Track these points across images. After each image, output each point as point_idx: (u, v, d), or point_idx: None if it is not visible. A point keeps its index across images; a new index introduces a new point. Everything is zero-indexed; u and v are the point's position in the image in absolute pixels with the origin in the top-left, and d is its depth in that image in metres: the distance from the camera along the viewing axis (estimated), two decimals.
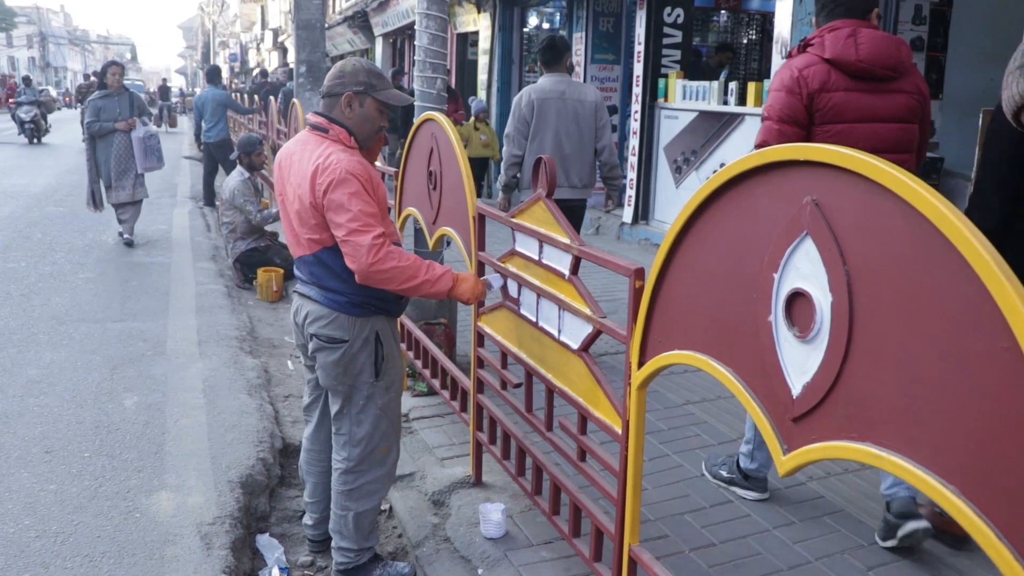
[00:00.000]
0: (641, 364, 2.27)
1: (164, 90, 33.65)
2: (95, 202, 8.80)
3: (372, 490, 3.03)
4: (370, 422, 2.96)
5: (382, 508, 3.67)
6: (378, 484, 3.05)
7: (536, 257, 2.87)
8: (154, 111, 27.17)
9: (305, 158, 2.79)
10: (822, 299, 1.65)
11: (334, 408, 3.00)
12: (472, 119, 11.29)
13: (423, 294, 2.83)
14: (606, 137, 5.19)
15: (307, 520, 3.36)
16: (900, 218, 1.45)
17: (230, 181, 7.58)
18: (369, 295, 2.83)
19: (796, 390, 1.74)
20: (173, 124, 30.16)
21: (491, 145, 11.42)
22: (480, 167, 11.47)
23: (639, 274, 2.27)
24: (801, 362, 1.73)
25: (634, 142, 8.99)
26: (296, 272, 2.99)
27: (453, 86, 12.61)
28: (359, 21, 20.03)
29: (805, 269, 1.69)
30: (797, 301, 1.72)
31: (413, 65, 11.70)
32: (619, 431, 2.40)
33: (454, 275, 2.88)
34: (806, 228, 1.67)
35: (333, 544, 3.11)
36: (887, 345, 1.51)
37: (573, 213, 5.12)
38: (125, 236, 8.94)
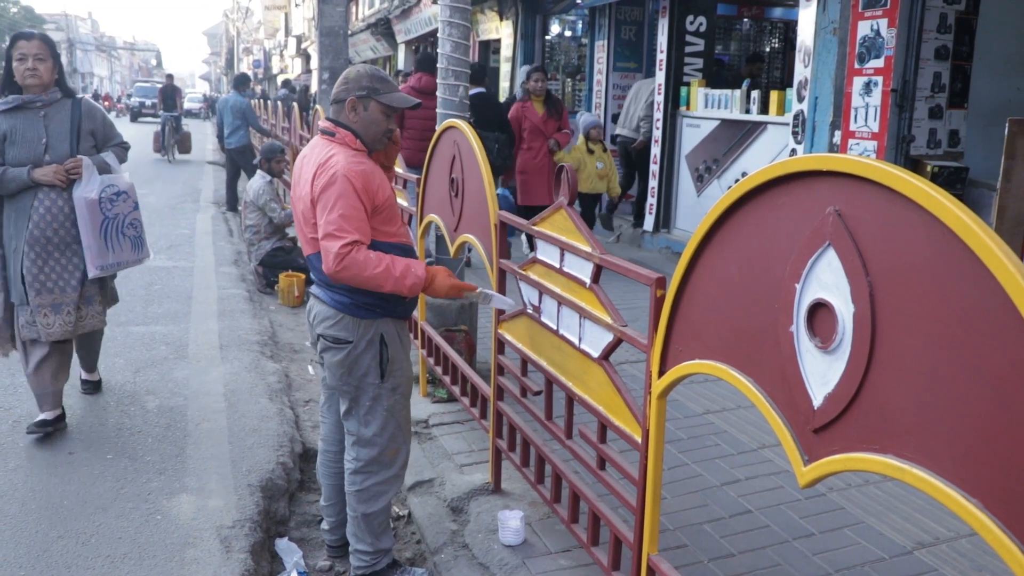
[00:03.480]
0: (662, 373, 2.27)
1: (169, 93, 20.22)
2: None
3: (379, 492, 3.06)
4: (377, 423, 3.00)
5: (401, 514, 3.69)
6: (386, 486, 3.07)
7: (557, 265, 2.87)
8: (155, 128, 20.10)
9: (312, 159, 2.87)
10: (844, 310, 1.64)
11: (343, 408, 3.05)
12: (582, 139, 8.32)
13: (400, 293, 2.87)
14: None
15: (324, 525, 3.38)
16: (923, 229, 1.44)
17: (254, 183, 7.71)
18: (373, 297, 2.88)
19: (817, 401, 1.73)
20: (185, 149, 19.70)
21: (609, 176, 8.37)
22: (591, 204, 8.56)
23: (660, 283, 2.27)
24: (823, 373, 1.72)
25: (656, 150, 8.97)
26: (311, 274, 3.06)
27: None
28: (382, 28, 20.13)
29: (827, 279, 1.68)
30: (819, 311, 1.71)
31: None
32: (639, 440, 2.40)
33: (426, 278, 2.89)
34: (828, 238, 1.66)
35: (350, 548, 3.14)
36: (910, 357, 1.51)
37: None
38: (83, 376, 4.76)
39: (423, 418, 4.37)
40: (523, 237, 8.44)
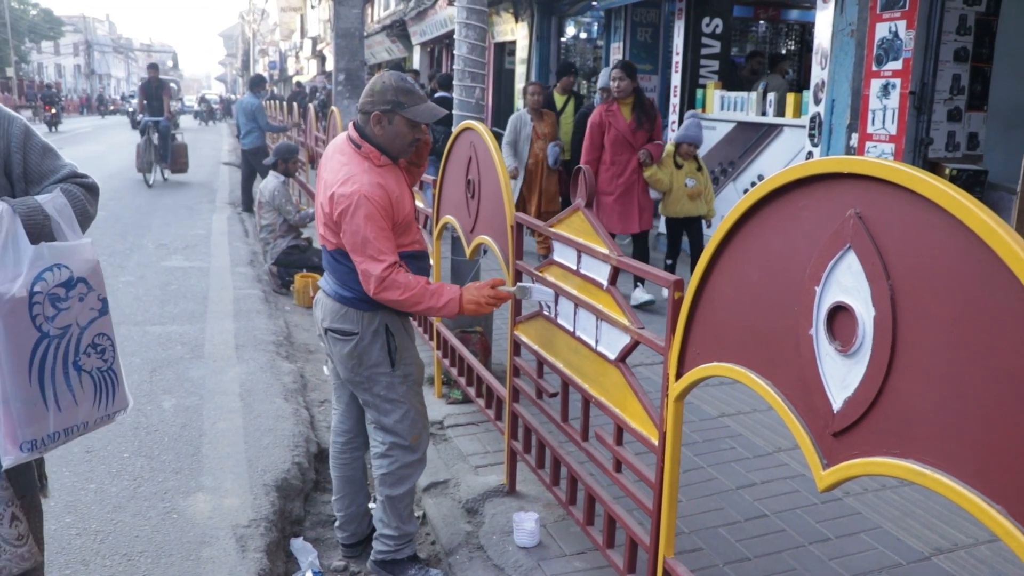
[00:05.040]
0: (679, 376, 2.26)
1: (153, 91, 14.50)
2: None
3: (404, 475, 3.12)
4: (398, 411, 3.06)
5: (416, 515, 3.69)
6: (410, 469, 3.14)
7: (574, 267, 2.87)
8: (138, 139, 14.49)
9: (335, 169, 2.90)
10: (865, 313, 1.63)
11: (362, 399, 3.12)
12: (669, 149, 6.58)
13: (432, 316, 2.95)
14: None
15: (337, 521, 3.40)
16: (947, 232, 1.43)
17: (268, 183, 7.76)
18: None
19: (837, 404, 1.72)
20: (179, 166, 15.00)
21: (704, 195, 6.62)
22: (681, 229, 6.73)
23: (678, 285, 2.26)
24: (842, 376, 1.71)
25: None
26: (323, 263, 3.11)
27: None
28: (397, 30, 20.18)
29: (847, 283, 1.67)
30: (839, 315, 1.70)
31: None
32: (655, 442, 2.39)
33: (459, 299, 2.92)
34: (849, 241, 1.65)
35: (375, 534, 3.20)
36: (932, 361, 1.49)
37: None
38: None
39: (438, 419, 4.37)
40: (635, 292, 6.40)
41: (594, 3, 11.15)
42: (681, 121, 8.79)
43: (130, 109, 33.40)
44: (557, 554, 3.15)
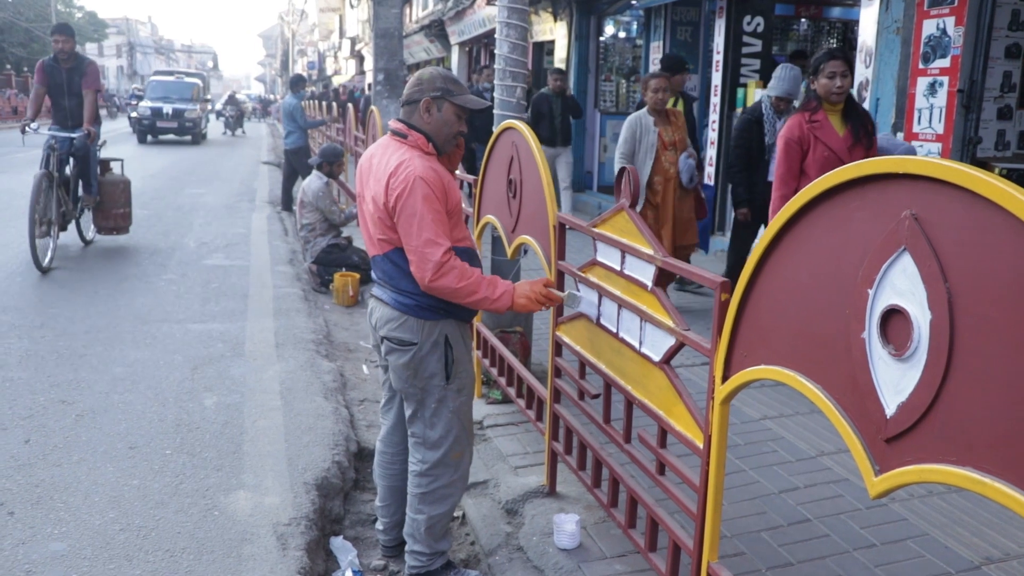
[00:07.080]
0: (725, 378, 2.23)
1: (62, 79, 7.81)
2: None
3: (445, 495, 3.05)
4: (443, 425, 2.99)
5: (455, 515, 3.68)
6: (451, 489, 3.06)
7: (618, 268, 2.84)
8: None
9: (383, 162, 2.86)
10: (920, 317, 1.60)
11: (408, 411, 3.04)
12: None
13: (483, 309, 2.92)
14: None
15: (379, 525, 3.39)
16: (1009, 233, 1.39)
17: (311, 184, 7.83)
18: (435, 298, 2.87)
19: (890, 410, 1.68)
20: (114, 221, 8.41)
21: None
22: None
23: (725, 287, 2.23)
24: (896, 381, 1.67)
25: (712, 152, 8.87)
26: (372, 273, 3.05)
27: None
28: (436, 30, 20.25)
29: (902, 285, 1.63)
30: (893, 318, 1.66)
31: (492, 74, 11.68)
32: (700, 445, 2.36)
33: (512, 295, 2.89)
34: (904, 243, 1.61)
35: (406, 548, 3.14)
36: (992, 366, 1.45)
37: None
38: None
39: (477, 419, 4.37)
40: None
41: (634, 2, 11.09)
42: (720, 121, 8.70)
43: (141, 116, 25.08)
44: (598, 556, 3.13)
